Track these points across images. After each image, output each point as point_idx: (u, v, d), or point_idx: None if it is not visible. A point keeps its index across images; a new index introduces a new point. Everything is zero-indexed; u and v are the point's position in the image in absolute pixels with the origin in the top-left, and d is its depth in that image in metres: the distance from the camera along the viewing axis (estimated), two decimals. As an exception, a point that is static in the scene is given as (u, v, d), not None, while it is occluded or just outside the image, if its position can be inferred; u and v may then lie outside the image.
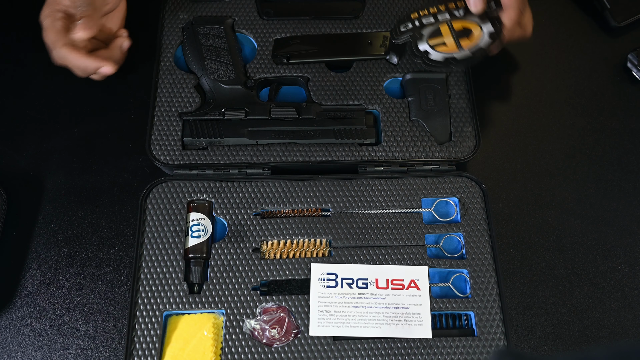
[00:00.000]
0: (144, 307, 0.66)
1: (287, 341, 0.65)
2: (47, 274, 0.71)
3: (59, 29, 0.69)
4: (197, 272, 0.68)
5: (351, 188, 0.72)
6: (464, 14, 0.71)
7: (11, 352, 0.68)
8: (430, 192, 0.72)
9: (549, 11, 0.87)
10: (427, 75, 0.76)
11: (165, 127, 0.73)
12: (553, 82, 0.83)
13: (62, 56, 0.69)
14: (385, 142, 0.74)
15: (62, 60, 0.69)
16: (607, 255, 0.73)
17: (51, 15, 0.69)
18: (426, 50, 0.70)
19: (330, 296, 0.67)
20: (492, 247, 0.69)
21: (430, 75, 0.76)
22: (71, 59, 0.69)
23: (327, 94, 0.76)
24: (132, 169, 0.76)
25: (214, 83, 0.75)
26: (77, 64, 0.70)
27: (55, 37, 0.69)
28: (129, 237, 0.73)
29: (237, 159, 0.72)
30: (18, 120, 0.79)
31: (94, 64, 0.70)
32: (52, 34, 0.69)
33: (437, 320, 0.67)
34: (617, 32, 0.85)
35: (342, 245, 0.70)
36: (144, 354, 0.64)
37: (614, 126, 0.80)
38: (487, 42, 0.69)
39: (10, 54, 0.82)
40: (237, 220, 0.70)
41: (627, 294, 0.71)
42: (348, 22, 0.80)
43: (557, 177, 0.77)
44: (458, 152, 0.73)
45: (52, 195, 0.75)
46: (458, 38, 0.69)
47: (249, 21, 0.79)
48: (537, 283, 0.72)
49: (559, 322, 0.70)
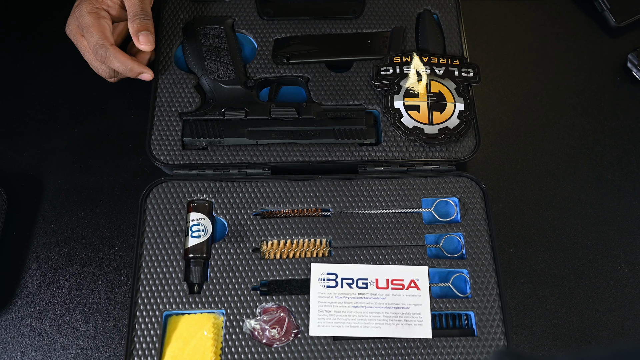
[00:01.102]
0: (144, 307, 0.66)
1: (287, 341, 0.65)
2: (47, 274, 0.71)
3: (105, 27, 0.69)
4: (197, 272, 0.68)
5: (351, 188, 0.72)
6: (444, 74, 0.73)
7: (11, 352, 0.68)
8: (430, 192, 0.72)
9: (549, 11, 0.87)
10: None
11: (165, 127, 0.73)
12: (553, 82, 0.83)
13: (108, 56, 0.69)
14: (385, 142, 0.73)
15: (107, 60, 0.69)
16: (607, 255, 0.73)
17: (94, 12, 0.69)
18: (399, 110, 0.72)
19: (330, 296, 0.67)
20: (492, 247, 0.69)
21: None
22: (119, 60, 0.69)
23: (327, 94, 0.76)
24: (132, 169, 0.76)
25: (214, 83, 0.75)
26: (123, 66, 0.70)
27: (102, 36, 0.68)
28: (129, 237, 0.73)
29: (237, 159, 0.72)
30: (18, 120, 0.79)
31: (139, 68, 0.71)
32: (98, 32, 0.68)
33: (437, 320, 0.67)
34: (617, 32, 0.85)
35: (342, 245, 0.70)
36: (144, 354, 0.64)
37: (614, 126, 0.80)
38: (455, 123, 0.72)
39: (10, 54, 0.82)
40: (237, 220, 0.70)
41: (627, 294, 0.71)
42: (348, 22, 0.80)
43: (557, 177, 0.77)
44: (458, 152, 0.73)
45: (52, 195, 0.75)
46: (432, 110, 0.72)
47: (249, 21, 0.79)
48: (537, 283, 0.72)
49: (559, 322, 0.70)
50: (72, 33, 0.71)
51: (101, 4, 0.70)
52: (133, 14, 0.70)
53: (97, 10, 0.69)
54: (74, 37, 0.71)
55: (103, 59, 0.69)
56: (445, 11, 0.80)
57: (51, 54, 0.82)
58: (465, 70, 0.75)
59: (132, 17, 0.70)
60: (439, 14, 0.80)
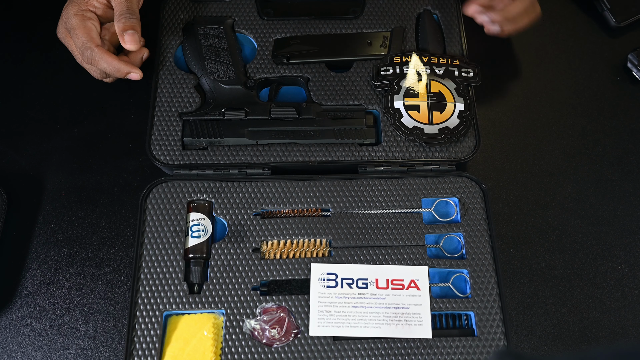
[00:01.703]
0: (144, 307, 0.66)
1: (287, 341, 0.65)
2: (47, 274, 0.71)
3: (90, 29, 0.69)
4: (197, 272, 0.68)
5: (351, 188, 0.72)
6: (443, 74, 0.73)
7: (11, 352, 0.68)
8: (430, 192, 0.72)
9: (549, 11, 0.87)
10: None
11: (165, 127, 0.73)
12: (553, 82, 0.83)
13: (94, 57, 0.68)
14: (385, 142, 0.73)
15: (93, 61, 0.69)
16: (607, 255, 0.73)
17: (80, 14, 0.69)
18: (399, 110, 0.72)
19: (330, 296, 0.67)
20: (492, 247, 0.69)
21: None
22: (105, 61, 0.69)
23: (327, 94, 0.76)
24: (132, 169, 0.76)
25: (214, 83, 0.75)
26: (110, 66, 0.69)
27: (87, 38, 0.68)
28: (129, 237, 0.73)
29: (237, 159, 0.72)
30: (18, 120, 0.79)
31: (126, 68, 0.70)
32: (83, 33, 0.68)
33: (437, 320, 0.67)
34: (617, 32, 0.85)
35: (342, 245, 0.70)
36: (144, 354, 0.64)
37: (614, 126, 0.80)
38: (455, 123, 0.72)
39: (10, 54, 0.82)
40: (237, 220, 0.70)
41: (627, 294, 0.71)
42: (348, 22, 0.80)
43: (557, 177, 0.77)
44: (458, 152, 0.73)
45: (52, 195, 0.75)
46: (432, 110, 0.72)
47: (249, 21, 0.79)
48: (537, 283, 0.72)
49: (559, 322, 0.70)
50: (62, 36, 0.71)
51: (87, 5, 0.69)
52: (119, 13, 0.69)
53: (83, 12, 0.69)
54: (64, 39, 0.71)
55: (89, 60, 0.69)
56: (445, 11, 0.80)
57: (51, 54, 0.82)
58: (465, 70, 0.75)
59: (118, 17, 0.69)
60: (439, 14, 0.80)
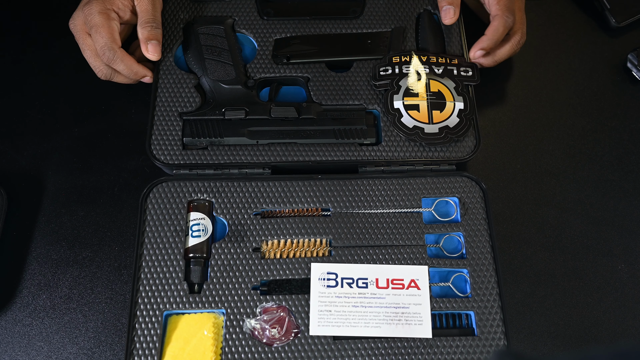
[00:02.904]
0: (144, 307, 0.66)
1: (287, 341, 0.65)
2: (47, 274, 0.71)
3: (114, 29, 0.69)
4: (197, 272, 0.68)
5: (351, 188, 0.72)
6: (442, 73, 0.73)
7: (11, 352, 0.68)
8: (430, 191, 0.72)
9: (549, 11, 0.87)
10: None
11: (166, 127, 0.73)
12: (553, 82, 0.83)
13: (115, 59, 0.69)
14: (385, 142, 0.74)
15: (113, 62, 0.70)
16: (607, 255, 0.73)
17: (105, 13, 0.69)
18: (399, 109, 0.72)
19: (330, 296, 0.67)
20: (492, 247, 0.69)
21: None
22: (125, 64, 0.70)
23: (327, 94, 0.76)
24: (132, 169, 0.76)
25: (214, 83, 0.75)
26: (128, 69, 0.71)
27: (110, 38, 0.69)
28: (129, 237, 0.73)
29: (237, 158, 0.72)
30: (18, 120, 0.79)
31: (143, 71, 0.72)
32: (107, 33, 0.69)
33: (437, 319, 0.67)
34: (617, 32, 0.85)
35: (342, 245, 0.70)
36: (144, 354, 0.64)
37: (614, 126, 0.80)
38: (455, 122, 0.72)
39: (11, 54, 0.82)
40: (237, 220, 0.70)
41: (627, 294, 0.71)
42: (348, 22, 0.80)
43: (557, 177, 0.77)
44: (458, 152, 0.73)
45: (52, 195, 0.75)
46: (432, 109, 0.72)
47: (249, 21, 0.79)
48: (537, 283, 0.72)
49: (559, 322, 0.70)
50: (77, 29, 0.71)
51: (112, 5, 0.70)
52: (145, 21, 0.70)
53: (108, 11, 0.69)
54: (78, 32, 0.71)
55: (109, 61, 0.69)
56: (445, 11, 0.80)
57: (51, 54, 0.82)
58: (464, 69, 0.75)
59: (143, 24, 0.70)
60: (439, 14, 0.80)
